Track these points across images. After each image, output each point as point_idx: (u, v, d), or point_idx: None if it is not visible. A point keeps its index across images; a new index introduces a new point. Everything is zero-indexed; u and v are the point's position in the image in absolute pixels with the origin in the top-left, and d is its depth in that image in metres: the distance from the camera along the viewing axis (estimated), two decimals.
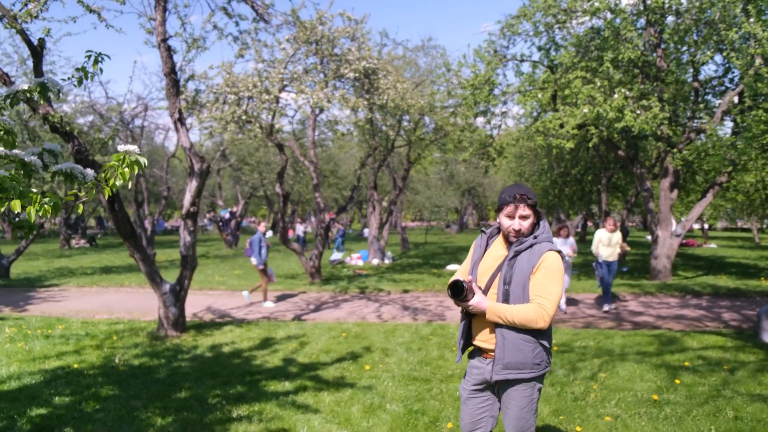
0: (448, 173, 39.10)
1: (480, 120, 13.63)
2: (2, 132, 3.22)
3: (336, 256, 20.03)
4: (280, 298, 11.91)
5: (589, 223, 25.57)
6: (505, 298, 2.83)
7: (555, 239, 9.76)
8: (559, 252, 2.87)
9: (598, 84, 11.60)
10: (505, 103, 13.52)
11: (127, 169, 2.42)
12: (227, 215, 27.04)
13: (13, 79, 13.46)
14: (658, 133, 11.67)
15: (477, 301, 2.80)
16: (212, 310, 10.62)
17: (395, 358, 6.74)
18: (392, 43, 24.29)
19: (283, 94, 11.86)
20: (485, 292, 2.90)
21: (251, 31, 11.06)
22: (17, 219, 3.52)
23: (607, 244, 10.12)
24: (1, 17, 5.92)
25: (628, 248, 11.02)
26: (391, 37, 42.59)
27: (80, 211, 2.45)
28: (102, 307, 10.84)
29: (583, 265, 17.40)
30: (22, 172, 3.41)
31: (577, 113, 11.51)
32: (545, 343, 2.86)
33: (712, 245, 26.86)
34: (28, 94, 3.64)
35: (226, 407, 5.02)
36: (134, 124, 19.20)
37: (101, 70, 4.04)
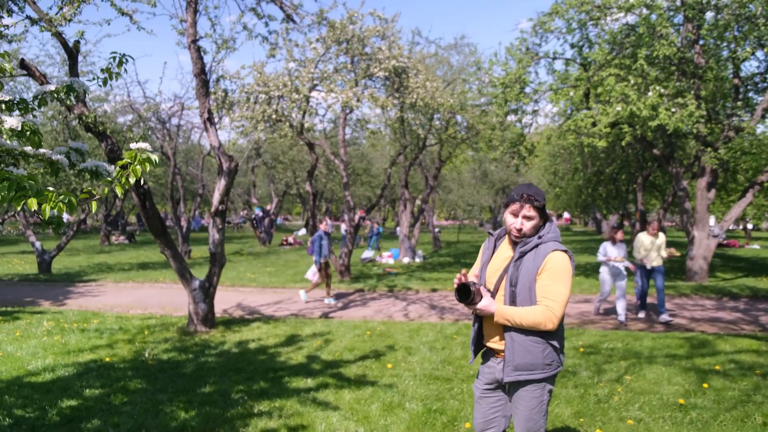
0: (481, 172, 38.84)
1: (511, 118, 13.50)
2: (29, 132, 3.35)
3: (367, 254, 20.11)
4: (310, 296, 12.02)
5: (625, 223, 25.03)
6: (512, 300, 2.82)
7: (607, 245, 9.46)
8: (566, 251, 2.84)
9: (632, 82, 11.35)
10: (536, 101, 13.35)
11: (139, 167, 2.50)
12: (261, 213, 27.40)
13: (54, 79, 13.90)
14: (694, 131, 11.36)
15: (485, 304, 2.79)
16: (242, 306, 10.80)
17: (418, 357, 6.75)
18: (425, 41, 24.25)
19: (314, 93, 11.98)
20: (494, 293, 2.89)
21: (282, 31, 11.26)
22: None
23: (649, 248, 9.50)
24: (39, 20, 6.14)
25: (677, 254, 10.30)
26: (424, 36, 42.48)
27: (94, 209, 2.54)
28: (136, 302, 11.13)
29: None
30: (49, 169, 3.55)
31: (609, 111, 11.30)
32: (555, 343, 2.83)
33: (755, 246, 26.00)
34: (56, 95, 3.79)
35: (248, 402, 5.12)
36: (171, 123, 19.63)
37: (126, 71, 4.17)
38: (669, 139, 14.79)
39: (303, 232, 35.89)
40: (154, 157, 2.53)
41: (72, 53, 6.65)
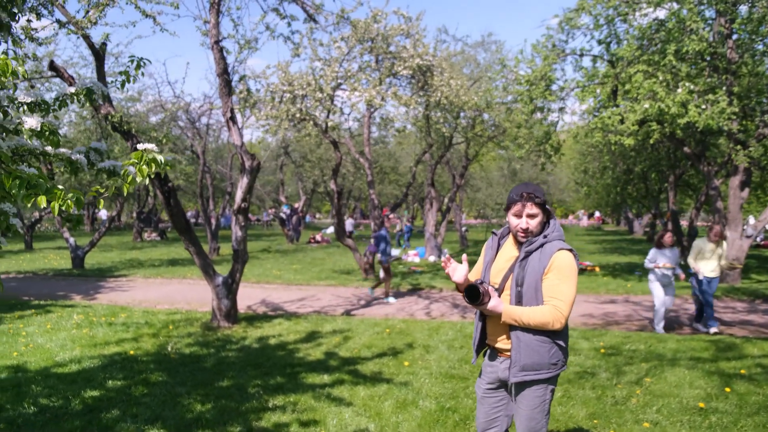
0: (510, 170, 38.48)
1: (537, 116, 13.35)
2: (48, 132, 3.47)
3: (394, 252, 20.14)
4: (334, 294, 12.11)
5: (657, 222, 24.53)
6: (518, 300, 2.82)
7: (657, 251, 8.42)
8: (571, 250, 2.82)
9: (661, 78, 11.11)
10: (563, 99, 13.18)
11: (145, 167, 2.57)
12: (288, 211, 27.67)
13: (87, 80, 14.19)
14: (726, 128, 11.06)
15: (494, 304, 2.78)
16: (266, 303, 10.94)
17: (435, 356, 6.75)
18: (452, 39, 24.11)
19: (338, 92, 12.05)
20: (499, 293, 2.89)
21: (307, 31, 11.35)
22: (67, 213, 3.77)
23: (709, 257, 8.46)
24: (66, 23, 6.32)
25: (739, 265, 8.89)
26: (451, 33, 42.24)
27: (101, 206, 2.62)
28: (164, 297, 11.37)
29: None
30: (69, 168, 3.67)
31: (637, 108, 11.08)
32: (561, 342, 2.82)
33: None
34: (76, 97, 3.91)
35: (263, 397, 5.20)
36: (201, 123, 19.98)
37: (143, 74, 4.28)
38: (701, 136, 14.44)
39: (331, 230, 36.10)
40: (160, 157, 2.60)
41: (98, 54, 6.83)
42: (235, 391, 5.38)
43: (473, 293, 2.74)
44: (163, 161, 2.60)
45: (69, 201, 2.39)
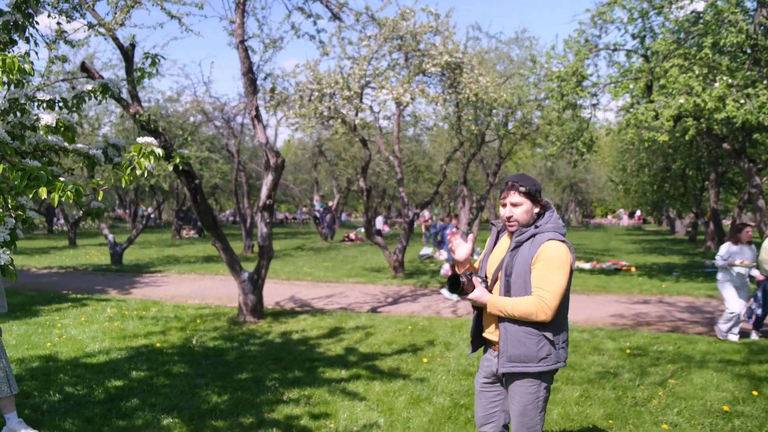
0: (547, 169, 37.93)
1: (569, 113, 13.11)
2: (63, 128, 3.60)
3: (426, 250, 20.08)
4: (362, 291, 12.16)
5: (699, 222, 23.78)
6: (507, 290, 2.80)
7: (729, 246, 7.47)
8: (564, 241, 2.77)
9: (697, 72, 10.77)
10: (595, 95, 12.91)
11: (143, 159, 2.64)
12: (322, 209, 27.91)
13: (123, 82, 14.58)
14: (766, 123, 10.65)
15: (477, 294, 2.79)
16: (294, 299, 11.06)
17: (455, 353, 6.72)
18: (485, 36, 23.86)
19: (368, 90, 12.09)
20: (492, 284, 2.88)
21: (336, 30, 11.43)
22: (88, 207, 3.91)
23: None
24: (95, 25, 6.53)
25: None
26: (484, 30, 41.82)
27: (100, 197, 2.71)
28: (195, 293, 11.62)
29: (686, 266, 16.28)
30: (87, 162, 3.79)
31: (672, 104, 10.77)
32: (549, 335, 2.76)
33: None
34: (93, 94, 4.04)
35: (279, 390, 5.27)
36: (236, 122, 20.31)
37: (157, 71, 4.38)
38: (741, 132, 13.95)
39: None
40: (158, 150, 2.67)
41: (127, 55, 7.03)
42: (253, 384, 5.46)
43: (454, 283, 2.77)
44: (161, 154, 2.67)
45: (69, 192, 2.48)
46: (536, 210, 2.84)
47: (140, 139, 2.70)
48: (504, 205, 2.87)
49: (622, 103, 12.96)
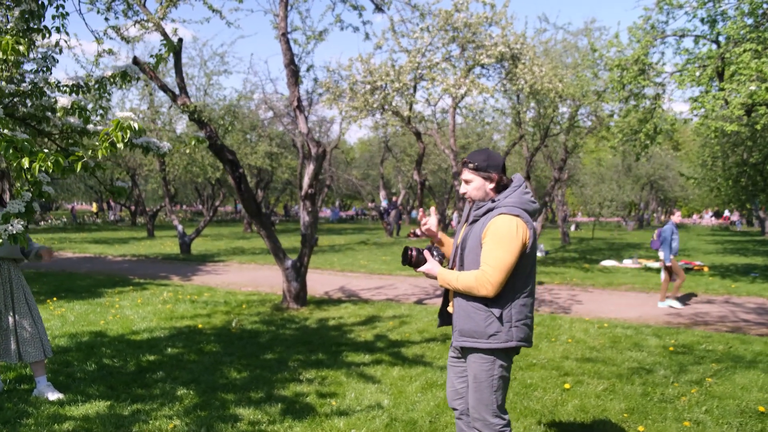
0: (625, 165, 36.34)
1: (631, 103, 12.53)
2: (78, 110, 3.85)
3: None
4: (413, 284, 12.16)
5: None
6: (462, 264, 2.78)
7: None
8: (518, 215, 2.69)
9: None
10: (661, 84, 12.27)
11: (120, 133, 2.80)
12: (387, 204, 28.11)
13: (194, 79, 15.22)
14: None
15: (428, 267, 2.83)
16: (343, 289, 11.22)
17: None
18: (552, 27, 23.26)
19: (422, 83, 12.06)
20: (453, 258, 2.87)
21: (390, 23, 11.48)
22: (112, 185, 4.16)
23: None
24: (145, 21, 6.90)
25: None
26: (552, 22, 40.55)
27: (78, 169, 2.88)
28: (250, 281, 12.03)
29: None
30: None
31: (742, 91, 10.07)
32: (496, 311, 2.69)
33: None
34: (112, 80, 4.29)
35: (298, 370, 5.39)
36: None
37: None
38: None
39: None
40: (135, 124, 2.82)
41: (175, 50, 7.38)
42: (275, 364, 5.62)
43: (403, 256, 2.78)
44: (137, 127, 2.81)
45: (49, 163, 2.67)
46: (490, 186, 2.79)
47: (119, 113, 2.86)
48: (460, 183, 2.86)
49: (690, 95, 12.27)
